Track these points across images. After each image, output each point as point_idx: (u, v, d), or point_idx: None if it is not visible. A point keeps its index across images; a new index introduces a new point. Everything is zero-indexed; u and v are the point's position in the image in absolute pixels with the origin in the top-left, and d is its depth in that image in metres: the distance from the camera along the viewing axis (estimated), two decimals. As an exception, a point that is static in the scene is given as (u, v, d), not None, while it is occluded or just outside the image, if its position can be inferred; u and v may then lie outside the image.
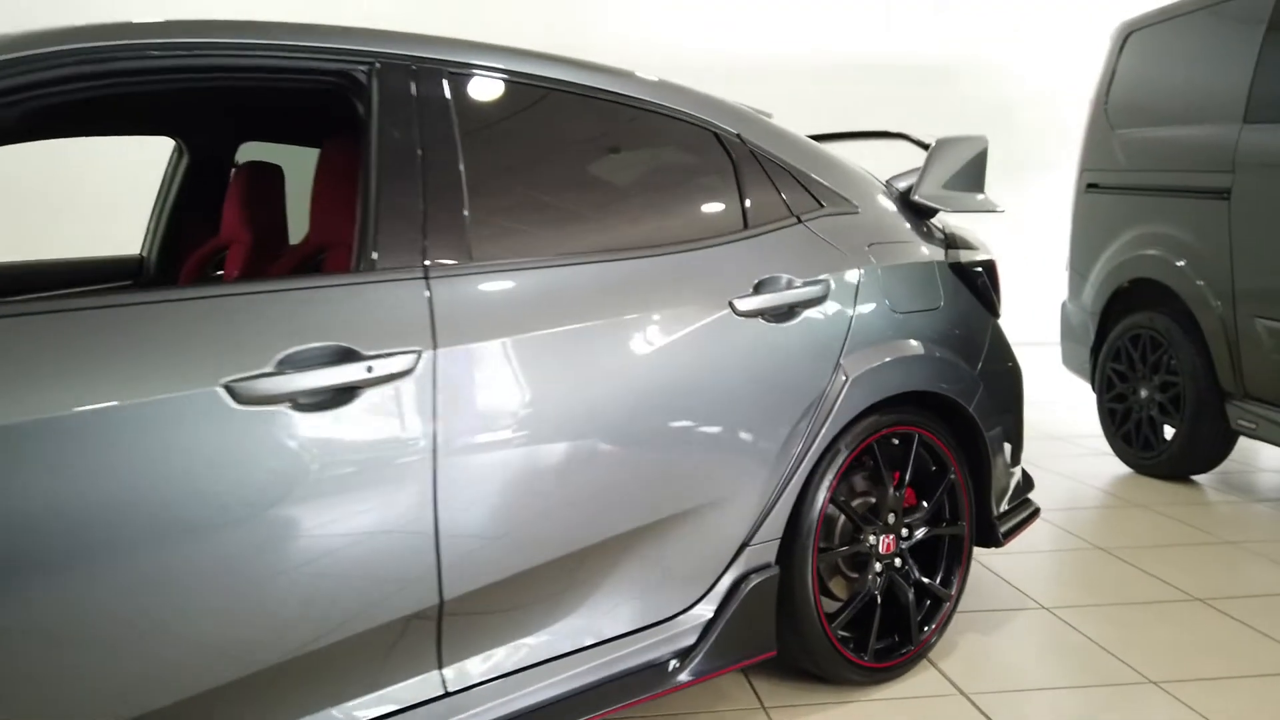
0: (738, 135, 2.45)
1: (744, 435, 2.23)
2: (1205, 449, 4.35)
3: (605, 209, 2.27)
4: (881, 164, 2.93)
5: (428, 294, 1.83)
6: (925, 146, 2.91)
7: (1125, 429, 4.70)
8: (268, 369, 1.62)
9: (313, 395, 1.66)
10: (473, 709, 1.90)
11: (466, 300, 1.87)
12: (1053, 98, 7.02)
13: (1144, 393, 4.58)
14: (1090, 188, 4.95)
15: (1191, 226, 4.23)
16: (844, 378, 2.38)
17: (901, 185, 2.84)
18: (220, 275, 2.92)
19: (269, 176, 2.80)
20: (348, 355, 1.70)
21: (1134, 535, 3.76)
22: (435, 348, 1.79)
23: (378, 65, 1.92)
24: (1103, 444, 4.89)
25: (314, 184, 2.32)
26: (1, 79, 1.57)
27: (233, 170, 3.07)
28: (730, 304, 2.22)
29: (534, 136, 2.19)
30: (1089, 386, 5.00)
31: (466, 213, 1.93)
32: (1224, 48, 4.17)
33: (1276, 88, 3.89)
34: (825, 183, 2.57)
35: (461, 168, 1.95)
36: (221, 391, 1.58)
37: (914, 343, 2.55)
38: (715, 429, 2.18)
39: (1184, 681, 2.59)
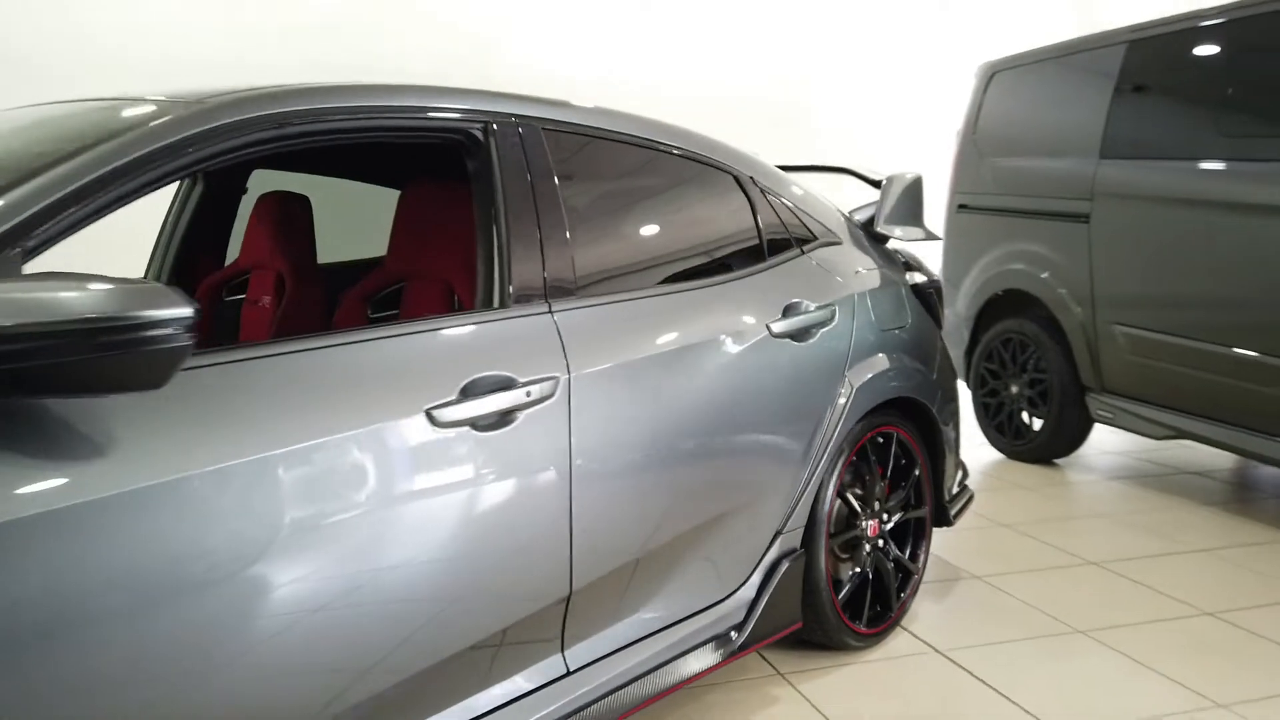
0: (750, 177, 2.82)
1: (782, 438, 2.61)
2: (1068, 436, 5.06)
3: (669, 244, 2.61)
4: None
5: (555, 324, 2.10)
6: (875, 183, 3.38)
7: (998, 420, 5.37)
8: (453, 396, 1.87)
9: (488, 418, 1.91)
10: (588, 685, 2.19)
11: (582, 329, 2.16)
12: (902, 129, 7.79)
13: (1014, 389, 5.25)
14: (961, 208, 5.60)
15: (1056, 245, 4.92)
16: (849, 388, 2.79)
17: (858, 217, 3.28)
18: (241, 300, 3.04)
19: (298, 206, 2.95)
20: (509, 382, 1.96)
21: (1025, 512, 4.38)
22: (569, 373, 2.07)
23: (493, 124, 2.17)
24: (976, 434, 5.55)
25: (395, 221, 2.52)
26: (200, 148, 1.73)
27: (243, 195, 3.18)
28: (767, 327, 2.58)
29: (612, 182, 2.49)
30: (963, 384, 5.66)
31: (571, 251, 2.22)
32: (1080, 92, 4.87)
33: (1126, 131, 4.61)
34: (814, 216, 2.98)
35: (564, 212, 2.23)
36: (423, 417, 1.81)
37: (894, 356, 2.99)
38: (764, 434, 2.55)
39: (1104, 629, 3.15)
